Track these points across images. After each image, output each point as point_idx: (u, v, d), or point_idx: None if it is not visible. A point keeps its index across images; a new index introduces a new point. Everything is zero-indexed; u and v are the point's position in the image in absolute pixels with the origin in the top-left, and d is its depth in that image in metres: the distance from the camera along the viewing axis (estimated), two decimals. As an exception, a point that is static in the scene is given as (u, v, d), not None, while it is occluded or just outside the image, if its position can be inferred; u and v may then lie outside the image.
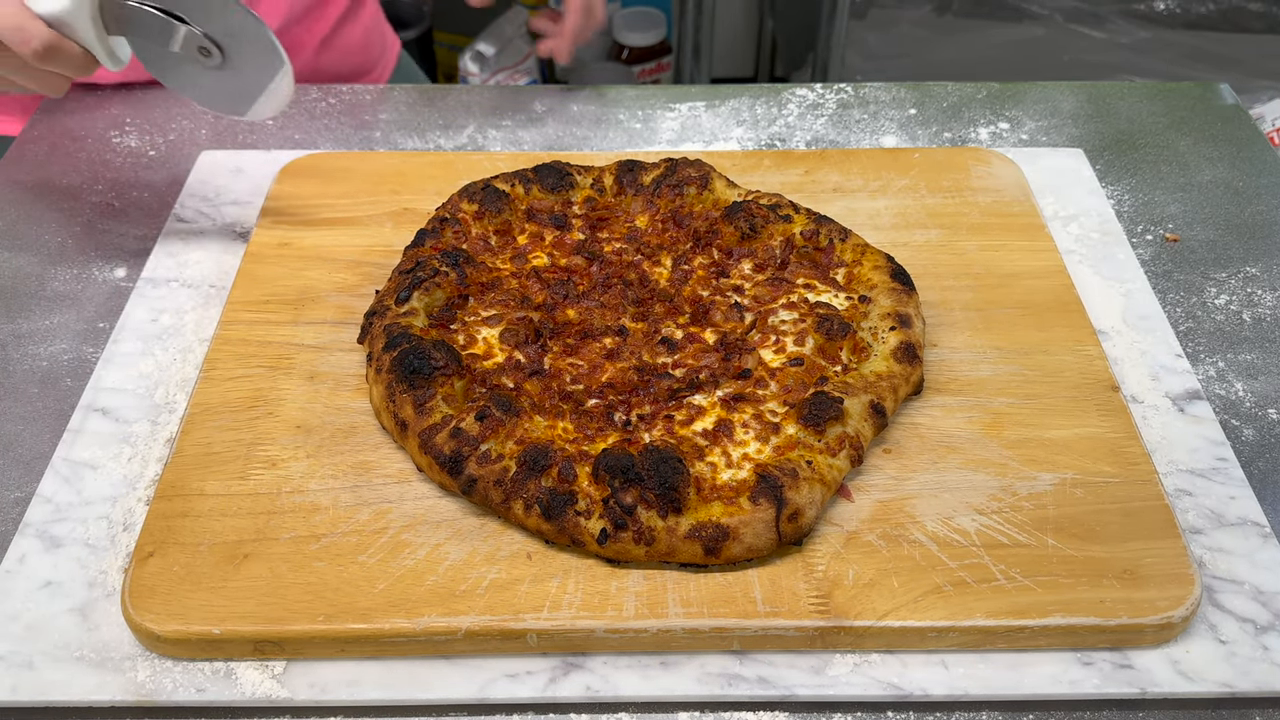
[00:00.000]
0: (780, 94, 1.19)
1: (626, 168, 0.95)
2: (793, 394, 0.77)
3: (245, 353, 0.84)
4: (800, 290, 0.86)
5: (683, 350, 0.82)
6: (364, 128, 1.14)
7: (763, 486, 0.70)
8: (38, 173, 1.07)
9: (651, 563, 0.69)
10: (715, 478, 0.72)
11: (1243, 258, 0.99)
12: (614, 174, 0.95)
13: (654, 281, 0.88)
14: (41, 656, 0.66)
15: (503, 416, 0.73)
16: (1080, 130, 1.14)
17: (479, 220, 0.91)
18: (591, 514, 0.69)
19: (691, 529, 0.68)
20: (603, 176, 0.95)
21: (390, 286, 0.84)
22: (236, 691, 0.66)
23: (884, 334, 0.82)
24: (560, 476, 0.71)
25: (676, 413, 0.76)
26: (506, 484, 0.70)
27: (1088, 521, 0.72)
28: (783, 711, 0.66)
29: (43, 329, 0.90)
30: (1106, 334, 0.89)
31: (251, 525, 0.71)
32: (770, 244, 0.89)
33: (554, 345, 0.82)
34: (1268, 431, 0.83)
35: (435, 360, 0.76)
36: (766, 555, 0.70)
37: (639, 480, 0.69)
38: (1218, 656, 0.68)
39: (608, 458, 0.70)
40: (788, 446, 0.74)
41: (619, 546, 0.69)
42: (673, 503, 0.69)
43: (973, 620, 0.67)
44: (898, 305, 0.83)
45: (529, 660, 0.67)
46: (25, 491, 0.77)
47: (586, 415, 0.76)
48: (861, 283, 0.86)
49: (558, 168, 0.95)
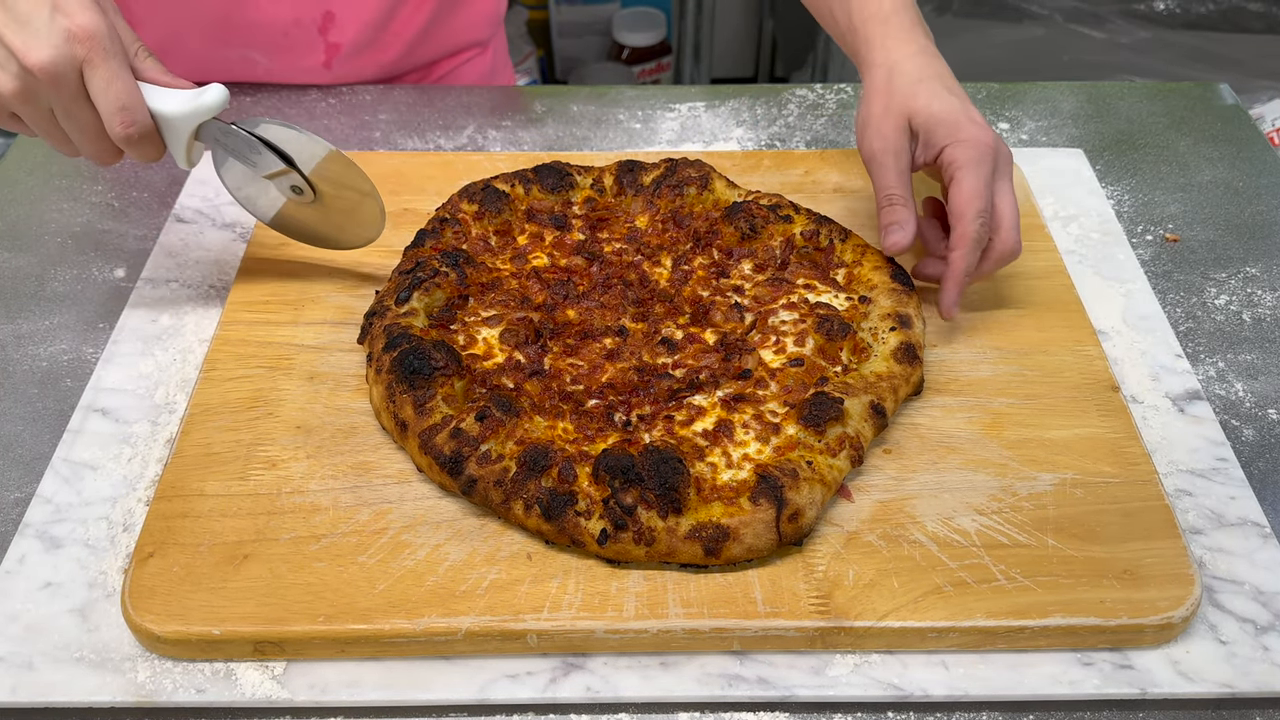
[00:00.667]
0: (780, 94, 1.19)
1: (626, 168, 0.95)
2: (793, 394, 0.77)
3: (245, 353, 0.84)
4: (800, 290, 0.86)
5: (683, 350, 0.82)
6: (364, 128, 1.13)
7: (763, 487, 0.70)
8: (38, 173, 1.07)
9: (651, 563, 0.69)
10: (715, 478, 0.72)
11: (1243, 258, 0.99)
12: (614, 174, 0.95)
13: (654, 282, 0.88)
14: (41, 657, 0.66)
15: (503, 417, 0.73)
16: (1080, 130, 1.14)
17: (479, 220, 0.91)
18: (592, 514, 0.69)
19: (691, 529, 0.68)
20: (603, 177, 0.95)
21: (390, 287, 0.84)
22: (236, 692, 0.66)
23: (884, 334, 0.82)
24: (560, 477, 0.71)
25: (677, 413, 0.76)
26: (506, 484, 0.70)
27: (1088, 522, 0.72)
28: (783, 712, 0.66)
29: (43, 329, 0.90)
30: (1106, 334, 0.89)
31: (251, 526, 0.71)
32: (770, 244, 0.89)
33: (554, 345, 0.82)
34: (1268, 432, 0.83)
35: (435, 360, 0.76)
36: (767, 555, 0.70)
37: (639, 480, 0.69)
38: (1218, 657, 0.68)
39: (608, 458, 0.70)
40: (788, 447, 0.74)
41: (619, 547, 0.69)
42: (673, 503, 0.69)
43: (973, 621, 0.67)
44: (898, 305, 0.83)
45: (529, 661, 0.67)
46: (25, 492, 0.77)
47: (586, 415, 0.76)
48: (862, 283, 0.86)
49: (558, 168, 0.95)
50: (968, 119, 0.83)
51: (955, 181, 0.83)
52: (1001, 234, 0.84)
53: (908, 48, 0.87)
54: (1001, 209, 0.84)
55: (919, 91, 0.85)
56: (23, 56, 0.70)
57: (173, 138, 0.79)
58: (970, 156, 0.82)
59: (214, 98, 0.78)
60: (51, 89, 0.72)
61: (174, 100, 0.77)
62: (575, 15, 2.70)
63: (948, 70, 0.87)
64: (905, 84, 0.85)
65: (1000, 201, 0.84)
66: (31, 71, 0.70)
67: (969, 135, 0.83)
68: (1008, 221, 0.84)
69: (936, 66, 0.87)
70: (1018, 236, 0.84)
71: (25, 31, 0.70)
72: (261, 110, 1.14)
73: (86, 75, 0.72)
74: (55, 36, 0.70)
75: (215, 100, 0.78)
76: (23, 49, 0.70)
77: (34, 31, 0.70)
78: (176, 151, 0.80)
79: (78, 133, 0.75)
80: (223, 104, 0.79)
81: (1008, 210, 0.84)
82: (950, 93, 0.85)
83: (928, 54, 0.87)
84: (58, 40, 0.70)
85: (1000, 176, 0.84)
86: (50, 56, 0.70)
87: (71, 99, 0.73)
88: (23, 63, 0.70)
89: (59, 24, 0.70)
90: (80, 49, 0.71)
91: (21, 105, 0.72)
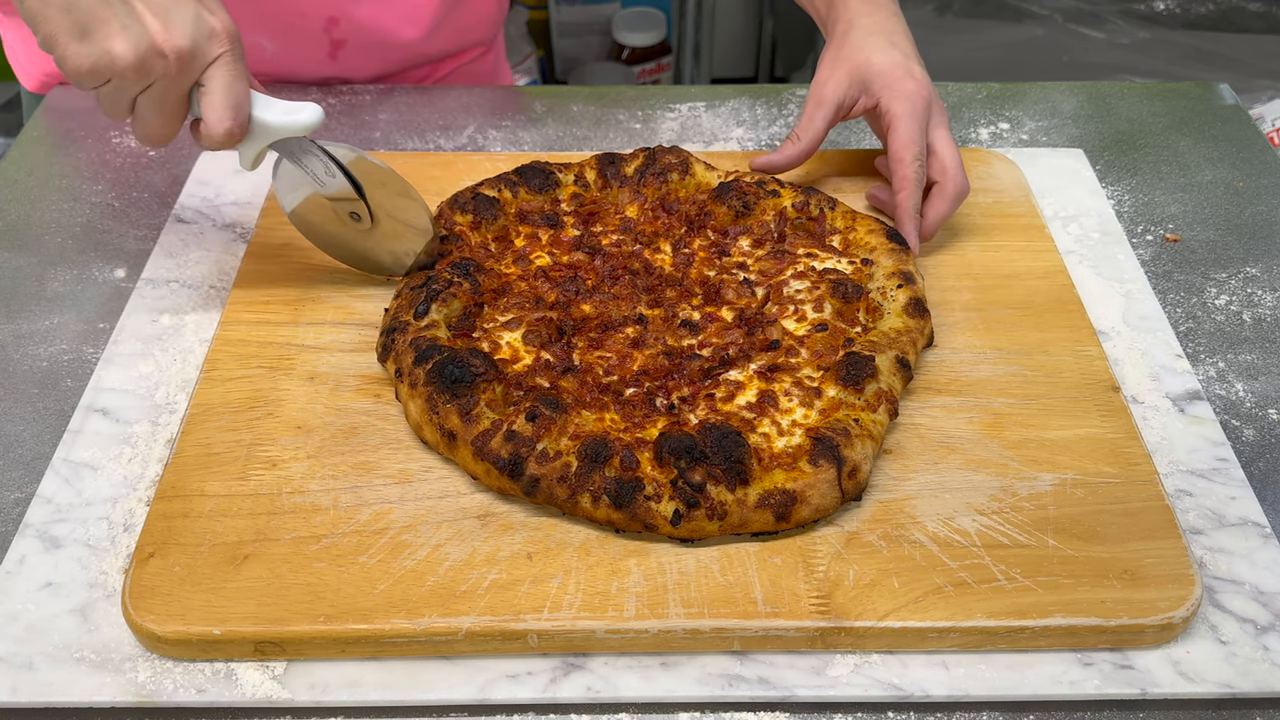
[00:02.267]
0: (780, 94, 1.19)
1: (607, 160, 0.97)
2: (824, 358, 0.80)
3: (245, 353, 0.84)
4: (804, 260, 0.88)
5: (704, 330, 0.83)
6: (364, 128, 1.13)
7: (820, 448, 0.72)
8: (38, 173, 1.07)
9: (723, 537, 0.71)
10: (771, 447, 0.73)
11: (1243, 258, 0.99)
12: (595, 168, 0.96)
13: (659, 268, 0.89)
14: (42, 657, 0.66)
15: (553, 414, 0.73)
16: (1080, 130, 1.14)
17: (476, 230, 0.91)
18: (661, 497, 0.70)
19: (760, 498, 0.70)
20: (584, 172, 0.96)
21: (402, 302, 0.84)
22: (237, 692, 0.66)
23: (892, 292, 0.85)
24: (623, 465, 0.71)
25: (716, 390, 0.78)
26: (570, 479, 0.71)
27: (1088, 522, 0.72)
28: (783, 712, 0.66)
29: (43, 329, 0.90)
30: (1106, 334, 0.89)
31: (252, 526, 0.71)
32: (764, 219, 0.92)
33: (578, 341, 0.82)
34: (1268, 432, 0.83)
35: (475, 367, 0.76)
36: (831, 514, 0.72)
37: (704, 458, 0.71)
38: (1218, 657, 0.68)
39: (669, 440, 0.71)
40: (832, 408, 0.76)
41: (693, 525, 0.70)
42: (740, 475, 0.70)
43: (973, 621, 0.67)
44: (899, 264, 0.87)
45: (529, 661, 0.67)
46: (25, 492, 0.77)
47: (628, 404, 0.77)
48: (860, 246, 0.90)
49: (539, 168, 0.95)
50: (906, 73, 0.91)
51: (892, 129, 0.91)
52: (949, 175, 0.91)
53: (867, 5, 0.96)
54: (942, 153, 0.92)
55: (866, 45, 0.93)
56: (159, 37, 0.71)
57: (252, 142, 0.79)
58: (905, 108, 0.90)
59: (310, 117, 0.79)
60: (171, 73, 0.73)
61: (274, 111, 0.78)
62: (575, 15, 2.70)
63: (900, 27, 0.95)
64: (858, 37, 0.94)
65: (940, 147, 0.92)
66: (163, 53, 0.72)
67: (905, 88, 0.91)
68: (951, 163, 0.92)
69: (889, 24, 0.95)
70: (963, 175, 0.92)
71: (166, 17, 0.72)
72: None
73: (210, 71, 0.74)
74: (198, 29, 0.72)
75: (311, 120, 0.79)
76: (161, 32, 0.71)
77: (176, 19, 0.72)
78: (246, 154, 0.80)
79: (158, 115, 0.76)
80: (317, 125, 0.80)
81: (949, 153, 0.92)
82: (895, 47, 0.93)
83: (884, 11, 0.96)
84: (200, 34, 0.73)
85: (936, 125, 0.92)
86: (188, 46, 0.72)
87: (180, 87, 0.75)
88: (156, 43, 0.71)
89: (204, 19, 0.73)
90: (216, 47, 0.74)
91: (126, 78, 0.73)
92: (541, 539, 0.71)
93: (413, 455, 0.76)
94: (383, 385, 0.81)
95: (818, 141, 0.95)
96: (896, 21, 0.95)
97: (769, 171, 0.97)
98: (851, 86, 0.93)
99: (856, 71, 0.93)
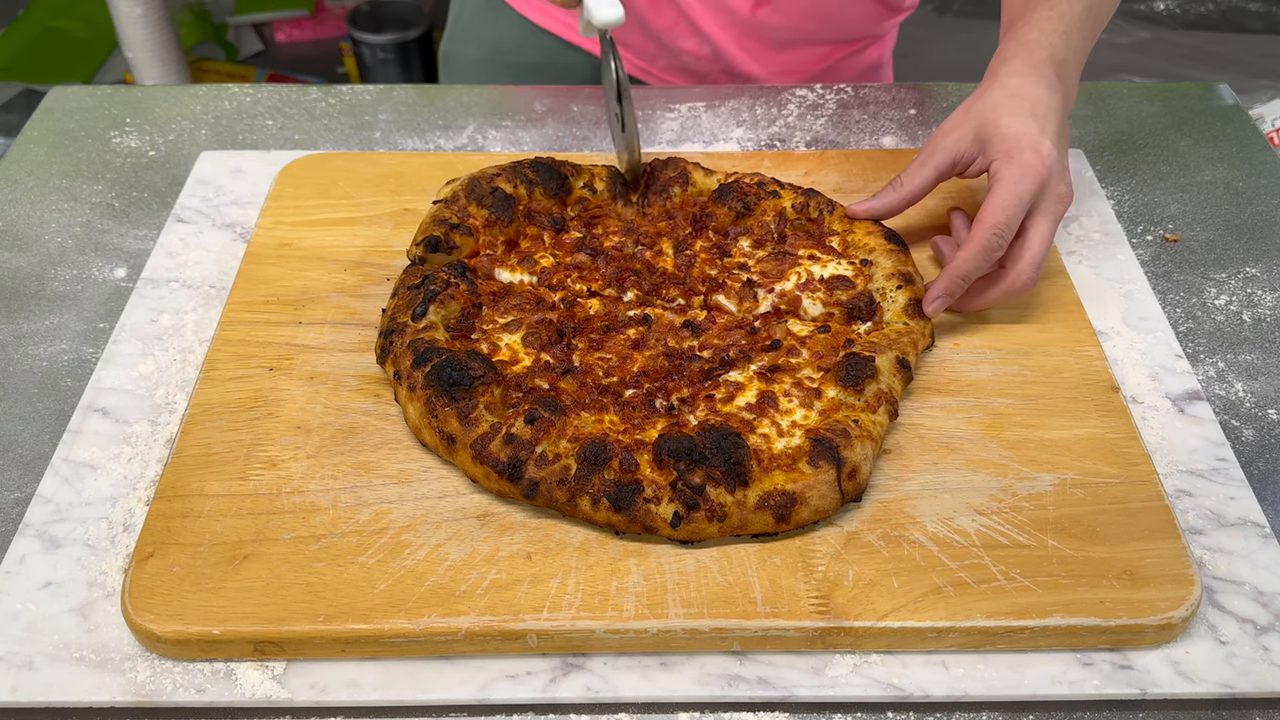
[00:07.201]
0: (780, 94, 1.19)
1: (618, 178, 0.95)
2: (824, 359, 0.80)
3: (245, 353, 0.84)
4: (804, 262, 0.88)
5: (706, 331, 0.83)
6: (364, 128, 1.13)
7: (819, 449, 0.72)
8: (38, 173, 1.07)
9: (723, 538, 0.71)
10: (770, 448, 0.73)
11: (1243, 258, 0.99)
12: (605, 180, 0.95)
13: (661, 268, 0.89)
14: (41, 657, 0.66)
15: (551, 417, 0.73)
16: (1080, 130, 1.14)
17: (489, 229, 0.90)
18: (660, 499, 0.70)
19: (760, 500, 0.70)
20: (594, 181, 0.95)
21: (399, 303, 0.83)
22: (236, 692, 0.66)
23: (892, 293, 0.85)
24: (622, 467, 0.71)
25: (715, 391, 0.78)
26: (570, 482, 0.71)
27: (1088, 522, 0.72)
28: (783, 712, 0.66)
29: (43, 329, 0.90)
30: (1106, 334, 0.89)
31: (251, 526, 0.71)
32: (764, 220, 0.92)
33: (579, 342, 0.82)
34: (1268, 432, 0.83)
35: (474, 370, 0.75)
36: (830, 515, 0.72)
37: (703, 460, 0.71)
38: (1218, 657, 0.68)
39: (669, 442, 0.71)
40: (832, 409, 0.76)
41: (692, 527, 0.70)
42: (739, 477, 0.70)
43: (973, 621, 0.67)
44: (899, 265, 0.87)
45: (529, 661, 0.67)
46: (25, 492, 0.77)
47: (628, 406, 0.77)
48: (859, 248, 0.90)
49: (556, 170, 0.94)
50: (1032, 145, 0.82)
51: (990, 193, 0.83)
52: (1021, 266, 0.83)
53: (1022, 65, 0.87)
54: (1031, 242, 0.83)
55: (1003, 105, 0.85)
56: None
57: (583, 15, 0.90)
58: (1012, 175, 0.82)
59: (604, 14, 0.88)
60: None
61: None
62: (575, 15, 2.69)
63: (1049, 100, 0.86)
64: (998, 96, 0.86)
65: (1034, 236, 0.83)
66: None
67: (1023, 159, 0.82)
68: (1031, 256, 0.83)
69: (1037, 92, 0.86)
70: (1034, 275, 0.83)
71: None
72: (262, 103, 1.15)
73: None
74: None
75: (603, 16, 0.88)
76: None
77: None
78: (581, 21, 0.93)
79: None
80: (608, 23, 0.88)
81: (1037, 246, 0.83)
82: (1033, 117, 0.84)
83: (1036, 78, 0.86)
84: None
85: (1043, 213, 0.83)
86: None
87: None
88: None
89: None
90: None
91: None
92: (541, 539, 0.71)
93: (412, 455, 0.76)
94: (382, 385, 0.82)
95: (921, 191, 0.88)
96: (1049, 94, 0.86)
97: (867, 218, 0.91)
98: (973, 144, 0.86)
99: (983, 130, 0.85)
